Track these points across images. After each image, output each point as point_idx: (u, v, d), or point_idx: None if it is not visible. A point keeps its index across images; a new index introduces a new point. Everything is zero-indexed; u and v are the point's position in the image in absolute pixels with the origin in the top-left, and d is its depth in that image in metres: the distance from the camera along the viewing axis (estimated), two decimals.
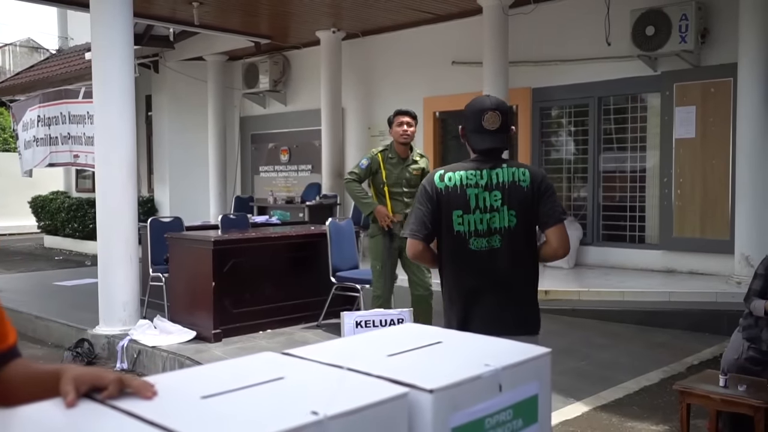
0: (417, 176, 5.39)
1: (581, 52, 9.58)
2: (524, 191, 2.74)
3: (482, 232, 2.75)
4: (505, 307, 2.77)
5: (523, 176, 2.77)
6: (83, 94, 12.62)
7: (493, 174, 2.78)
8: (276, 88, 13.10)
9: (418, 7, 10.30)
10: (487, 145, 2.83)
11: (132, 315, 6.11)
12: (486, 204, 2.75)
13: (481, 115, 2.85)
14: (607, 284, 8.15)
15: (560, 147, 10.14)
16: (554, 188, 2.86)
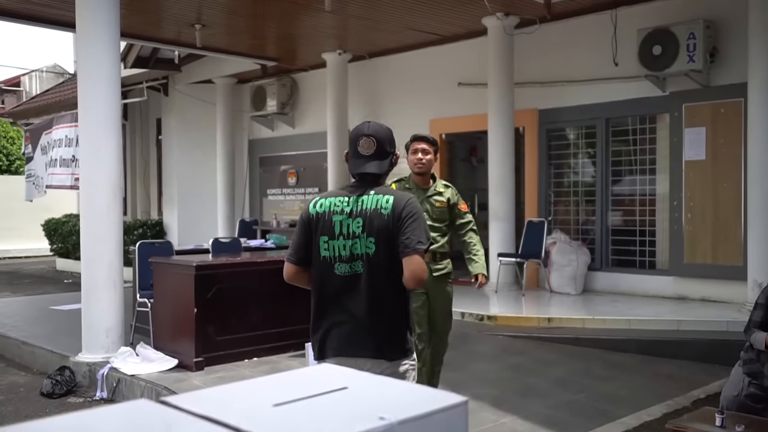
0: (441, 209, 4.66)
1: (588, 72, 9.36)
2: (384, 219, 2.79)
3: (345, 258, 2.83)
4: (363, 332, 2.81)
5: (386, 204, 2.81)
6: None
7: (359, 201, 2.86)
8: (284, 111, 13.03)
9: (424, 29, 10.19)
10: (359, 170, 2.91)
11: (115, 342, 5.94)
12: (349, 231, 2.83)
13: (357, 141, 2.93)
14: (613, 311, 7.85)
15: (568, 169, 9.89)
16: (418, 216, 2.81)
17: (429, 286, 4.34)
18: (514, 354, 6.70)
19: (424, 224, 2.82)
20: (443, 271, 4.65)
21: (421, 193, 4.61)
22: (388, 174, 2.98)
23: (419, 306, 4.52)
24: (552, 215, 9.88)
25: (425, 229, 2.82)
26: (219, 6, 9.24)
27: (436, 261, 4.58)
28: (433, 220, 4.58)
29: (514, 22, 9.42)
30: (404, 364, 2.85)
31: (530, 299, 8.95)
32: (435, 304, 4.65)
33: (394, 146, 2.96)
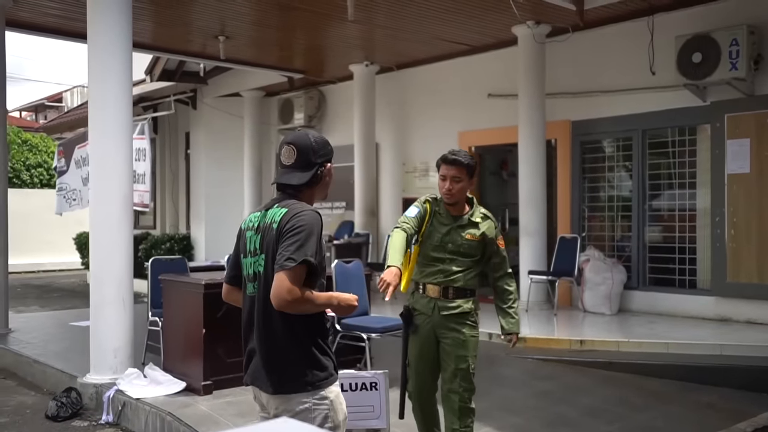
0: (471, 243, 3.86)
1: (624, 82, 8.96)
2: (273, 233, 2.57)
3: (250, 277, 2.67)
4: (263, 360, 2.59)
5: (278, 217, 2.58)
6: None
7: (265, 215, 2.67)
8: (311, 124, 12.84)
9: (453, 39, 9.90)
10: (277, 180, 2.74)
11: (124, 362, 5.72)
12: (254, 247, 2.66)
13: (280, 150, 2.73)
14: (650, 334, 7.40)
15: (602, 183, 9.46)
16: (302, 229, 2.49)
17: (436, 324, 3.82)
18: (542, 379, 6.31)
19: (306, 239, 2.46)
20: (455, 310, 3.81)
21: (450, 221, 3.90)
22: (314, 187, 2.68)
23: (417, 342, 3.85)
24: (586, 231, 9.46)
25: (305, 244, 2.45)
26: (244, 17, 9.09)
27: (448, 297, 3.83)
28: (455, 253, 3.84)
29: (545, 31, 9.08)
30: (305, 401, 2.52)
31: (562, 319, 8.53)
32: (445, 347, 3.85)
33: (323, 157, 2.66)
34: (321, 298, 2.54)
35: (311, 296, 2.48)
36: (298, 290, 2.43)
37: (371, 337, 5.67)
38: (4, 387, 6.65)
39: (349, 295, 2.65)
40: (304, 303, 2.46)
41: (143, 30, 9.69)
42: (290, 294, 2.41)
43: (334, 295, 2.63)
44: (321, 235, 2.55)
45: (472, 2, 8.27)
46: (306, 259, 2.44)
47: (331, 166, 2.71)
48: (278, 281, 2.42)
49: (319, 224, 2.54)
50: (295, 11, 8.78)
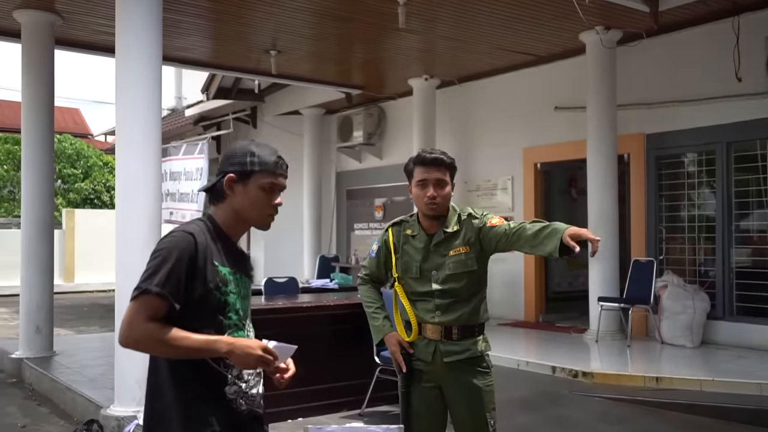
0: (458, 258, 3.02)
1: (704, 90, 8.15)
2: None
3: None
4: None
5: None
6: (184, 151, 12.59)
7: None
8: (370, 141, 12.44)
9: (517, 49, 9.32)
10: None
11: None
12: None
13: None
14: (739, 371, 6.54)
15: (682, 201, 8.61)
16: (157, 255, 2.01)
17: (439, 375, 2.99)
18: (612, 423, 5.57)
19: (158, 266, 1.98)
20: (462, 355, 2.98)
21: (426, 243, 3.04)
22: (216, 198, 2.17)
23: (416, 397, 3.01)
24: (663, 254, 8.60)
25: (155, 272, 1.97)
26: (299, 31, 8.78)
27: (452, 339, 2.99)
28: (444, 282, 2.99)
29: (616, 37, 8.39)
30: None
31: (636, 352, 7.71)
32: (454, 404, 3.01)
33: (230, 166, 2.13)
34: (188, 341, 1.97)
35: (167, 335, 1.95)
36: (138, 325, 1.95)
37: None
38: (37, 414, 6.39)
39: (252, 342, 2.00)
40: (152, 342, 1.97)
41: (196, 46, 9.53)
42: (128, 328, 1.97)
43: (223, 339, 2.00)
44: (190, 260, 2.00)
45: (537, 8, 7.72)
46: (147, 288, 1.95)
47: (231, 178, 2.11)
48: (126, 311, 2.00)
49: (181, 247, 2.01)
50: (351, 22, 8.43)
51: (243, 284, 2.16)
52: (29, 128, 7.85)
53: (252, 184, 2.12)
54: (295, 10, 7.90)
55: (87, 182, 22.32)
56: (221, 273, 2.07)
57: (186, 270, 2.00)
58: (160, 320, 1.97)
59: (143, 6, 5.46)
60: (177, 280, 1.99)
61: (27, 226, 7.82)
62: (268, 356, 2.00)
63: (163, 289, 1.96)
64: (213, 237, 2.11)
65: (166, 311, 1.98)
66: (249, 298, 2.22)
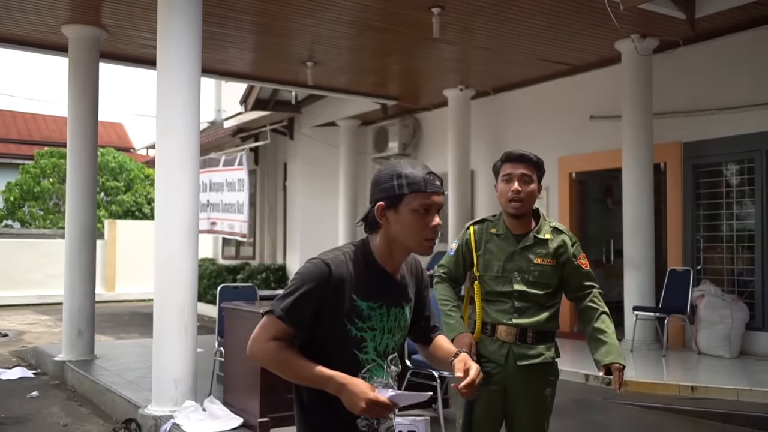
0: (546, 269, 3.04)
1: (743, 97, 8.06)
2: None
3: None
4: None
5: None
6: (223, 162, 12.84)
7: None
8: (405, 152, 12.50)
9: (552, 59, 9.32)
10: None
11: (185, 394, 5.46)
12: None
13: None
14: None
15: (720, 211, 8.49)
16: (293, 279, 1.98)
17: (510, 377, 3.00)
18: (644, 430, 5.52)
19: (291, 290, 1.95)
20: (537, 359, 3.00)
21: (512, 243, 3.06)
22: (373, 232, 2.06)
23: (483, 399, 2.98)
24: (701, 264, 8.49)
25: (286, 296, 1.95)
26: (335, 42, 8.89)
27: (526, 342, 3.00)
28: (527, 284, 3.01)
29: (652, 45, 8.35)
30: None
31: (672, 362, 7.61)
32: (518, 407, 3.03)
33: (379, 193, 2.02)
34: (302, 370, 1.91)
35: (284, 358, 1.92)
36: (260, 341, 1.95)
37: (443, 375, 5.12)
38: (78, 414, 6.57)
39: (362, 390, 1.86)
40: (269, 362, 1.95)
41: (236, 58, 9.74)
42: (252, 342, 1.98)
43: (336, 379, 1.89)
44: (320, 292, 1.93)
45: (572, 18, 7.72)
46: (273, 309, 1.94)
47: (382, 206, 1.99)
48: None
49: (314, 278, 1.94)
50: (386, 33, 8.52)
51: (390, 318, 2.04)
52: (74, 140, 8.10)
53: (404, 209, 1.98)
54: (332, 22, 8.03)
55: (129, 195, 22.82)
56: (359, 307, 1.97)
57: (315, 301, 1.93)
58: (286, 341, 1.93)
59: (184, 20, 5.65)
60: (302, 309, 1.93)
61: (71, 235, 8.07)
62: (376, 408, 1.86)
63: (287, 315, 1.92)
64: (359, 267, 2.00)
65: (292, 335, 1.94)
66: (399, 332, 2.09)
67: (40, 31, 8.35)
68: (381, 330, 2.01)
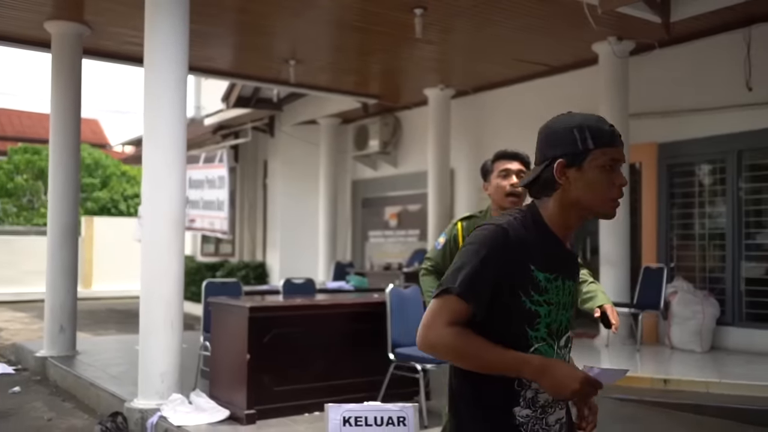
0: None
1: (716, 99, 8.28)
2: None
3: None
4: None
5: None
6: (203, 159, 12.84)
7: None
8: (386, 150, 12.63)
9: (531, 59, 9.49)
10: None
11: (171, 387, 5.52)
12: None
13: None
14: (747, 375, 6.64)
15: (693, 209, 8.72)
16: (465, 250, 1.74)
17: None
18: (620, 421, 5.69)
19: (465, 262, 1.71)
20: None
21: None
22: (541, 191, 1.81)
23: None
24: (674, 261, 8.71)
25: (461, 268, 1.71)
26: (317, 41, 8.99)
27: None
28: None
29: (628, 47, 8.54)
30: None
31: (646, 356, 7.82)
32: None
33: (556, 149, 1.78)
34: (491, 355, 1.68)
35: (466, 345, 1.69)
36: (436, 329, 1.69)
37: (426, 368, 5.25)
38: (62, 409, 6.60)
39: (572, 371, 1.65)
40: (449, 351, 1.70)
41: (220, 56, 9.78)
42: (425, 330, 1.71)
43: (534, 362, 1.67)
44: (499, 260, 1.70)
45: (551, 20, 7.87)
46: (449, 287, 1.70)
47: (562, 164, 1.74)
48: (427, 310, 1.76)
49: (491, 245, 1.71)
50: (368, 33, 8.61)
51: (565, 291, 1.80)
52: (57, 137, 8.10)
53: (589, 166, 1.73)
54: (315, 21, 8.12)
55: (105, 191, 22.67)
56: (536, 278, 1.73)
57: (494, 271, 1.70)
58: (463, 324, 1.70)
59: (171, 20, 5.70)
60: (482, 282, 1.69)
61: (53, 231, 8.07)
62: (589, 387, 1.63)
63: (466, 291, 1.69)
64: (533, 234, 1.76)
65: (470, 315, 1.70)
66: (571, 308, 1.85)
67: (23, 26, 8.33)
68: (556, 305, 1.77)
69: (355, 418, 3.07)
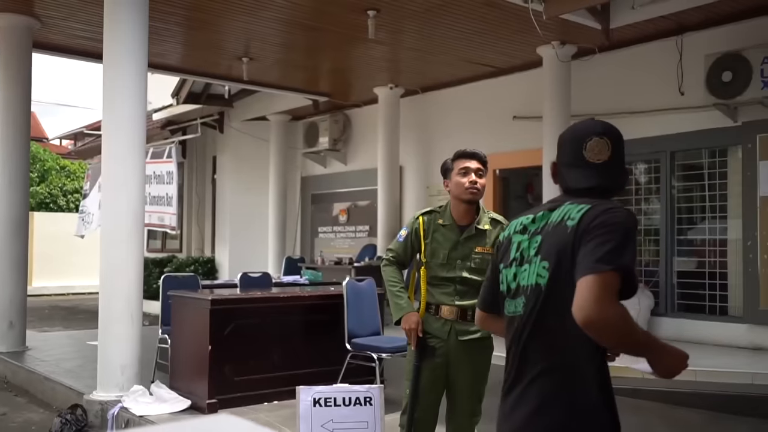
0: (483, 257, 3.46)
1: (651, 102, 8.75)
2: (567, 233, 1.88)
3: (511, 292, 2.04)
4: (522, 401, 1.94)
5: (576, 213, 1.90)
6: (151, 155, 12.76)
7: (548, 215, 2.02)
8: (336, 147, 12.81)
9: (478, 61, 9.80)
10: (579, 183, 2.05)
11: (131, 379, 5.62)
12: (522, 254, 2.02)
13: (585, 142, 2.11)
14: None
15: (630, 206, 9.19)
16: (617, 227, 1.81)
17: (452, 351, 3.43)
18: None
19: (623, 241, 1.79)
20: (475, 334, 3.43)
21: (457, 234, 3.48)
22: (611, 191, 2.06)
23: (429, 371, 3.43)
24: None
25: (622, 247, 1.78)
26: (270, 39, 9.09)
27: (466, 320, 3.44)
28: (468, 270, 3.44)
29: (570, 51, 8.93)
30: None
31: None
32: (459, 375, 3.47)
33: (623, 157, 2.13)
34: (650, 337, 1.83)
35: (631, 322, 1.76)
36: (611, 304, 1.72)
37: (382, 357, 5.49)
38: (15, 404, 6.60)
39: (681, 354, 1.86)
40: (621, 326, 1.75)
41: (170, 52, 9.79)
42: (598, 304, 1.70)
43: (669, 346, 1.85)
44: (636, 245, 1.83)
45: (498, 24, 8.18)
46: (624, 265, 1.75)
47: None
48: (583, 288, 1.74)
49: (636, 228, 1.87)
50: (321, 32, 8.77)
51: None
52: (6, 130, 8.04)
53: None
54: (270, 20, 8.24)
55: (43, 186, 22.19)
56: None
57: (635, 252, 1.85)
58: None
59: (131, 14, 5.79)
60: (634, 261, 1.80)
61: (2, 225, 8.00)
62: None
63: (629, 271, 1.76)
64: None
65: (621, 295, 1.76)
66: None
67: None
68: None
69: (324, 399, 3.32)
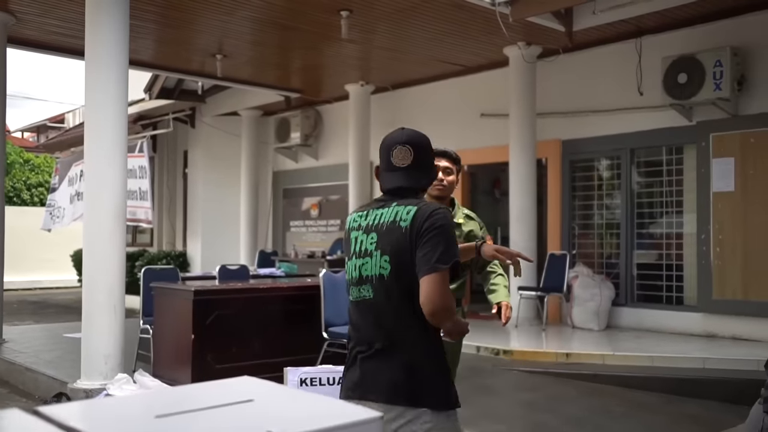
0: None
1: (612, 102, 9.14)
2: (401, 232, 2.30)
3: (356, 280, 2.41)
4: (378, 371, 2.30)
5: (407, 215, 2.31)
6: None
7: (379, 214, 2.40)
8: (307, 142, 13.02)
9: (447, 60, 10.10)
10: (390, 184, 2.48)
11: (114, 368, 5.80)
12: (362, 248, 2.41)
13: (389, 151, 2.59)
14: (636, 348, 7.49)
15: (592, 202, 9.60)
16: (444, 229, 2.27)
17: None
18: (527, 390, 6.40)
19: (450, 240, 2.27)
20: None
21: None
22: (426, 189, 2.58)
23: None
24: (576, 248, 9.58)
25: (451, 245, 2.27)
26: (242, 36, 9.28)
27: None
28: None
29: (536, 52, 9.28)
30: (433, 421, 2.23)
31: (551, 334, 8.62)
32: None
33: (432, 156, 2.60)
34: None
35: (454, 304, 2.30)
36: (447, 294, 2.23)
37: None
38: None
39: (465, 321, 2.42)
40: (452, 309, 2.25)
41: (144, 48, 9.89)
42: (442, 299, 2.20)
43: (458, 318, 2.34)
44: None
45: (466, 25, 8.48)
46: (455, 260, 2.25)
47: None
48: (431, 285, 2.19)
49: (453, 225, 2.38)
50: (293, 31, 8.98)
51: None
52: None
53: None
54: (246, 19, 8.43)
55: (6, 180, 21.98)
56: None
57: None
58: None
59: (113, 11, 5.94)
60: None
61: None
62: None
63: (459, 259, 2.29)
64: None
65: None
66: None
67: None
68: None
69: (310, 379, 3.58)
